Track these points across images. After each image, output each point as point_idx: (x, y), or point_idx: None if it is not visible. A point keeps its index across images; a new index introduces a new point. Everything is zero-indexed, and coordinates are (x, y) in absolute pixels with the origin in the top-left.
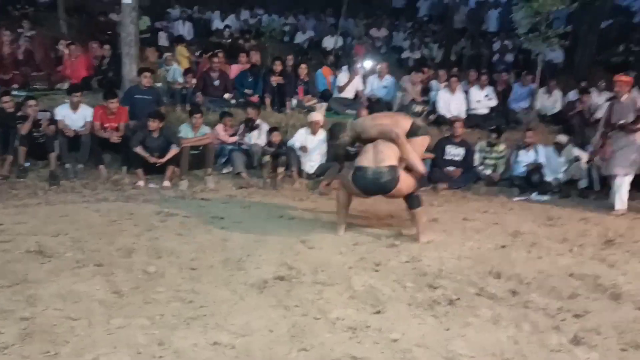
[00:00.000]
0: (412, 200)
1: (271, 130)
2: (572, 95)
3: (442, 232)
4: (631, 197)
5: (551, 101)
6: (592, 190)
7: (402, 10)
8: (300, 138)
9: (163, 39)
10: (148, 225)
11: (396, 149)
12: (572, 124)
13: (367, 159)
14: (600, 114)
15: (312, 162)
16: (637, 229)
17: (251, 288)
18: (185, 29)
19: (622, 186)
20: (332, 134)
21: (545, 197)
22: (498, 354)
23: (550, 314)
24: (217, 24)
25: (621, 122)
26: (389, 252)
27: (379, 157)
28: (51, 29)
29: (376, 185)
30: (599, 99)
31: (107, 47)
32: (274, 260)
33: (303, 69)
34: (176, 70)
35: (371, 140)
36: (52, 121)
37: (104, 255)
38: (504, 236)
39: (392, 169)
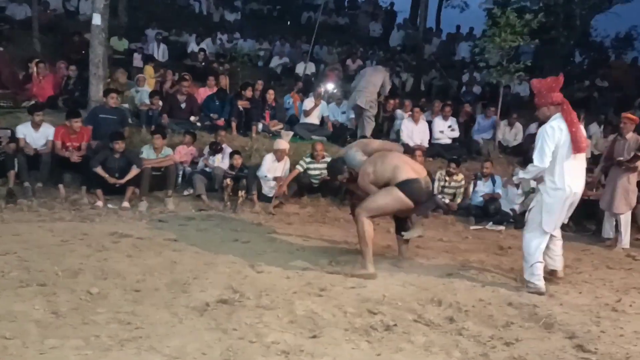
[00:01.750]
0: (407, 227)
1: (232, 153)
2: (533, 128)
3: (393, 259)
4: (584, 230)
5: (512, 133)
6: None
7: (378, 39)
8: (267, 165)
9: (138, 60)
10: (99, 247)
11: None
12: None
13: (412, 171)
14: None
15: (272, 185)
16: (584, 261)
17: (192, 311)
18: (160, 51)
19: (628, 223)
20: (333, 172)
21: (501, 227)
22: None
23: (482, 342)
24: (193, 47)
25: (620, 158)
26: (336, 278)
27: (417, 168)
28: (25, 48)
29: (427, 194)
30: None
31: (73, 67)
32: (220, 283)
33: (270, 94)
34: (147, 92)
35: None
36: (13, 139)
37: (49, 275)
38: (452, 265)
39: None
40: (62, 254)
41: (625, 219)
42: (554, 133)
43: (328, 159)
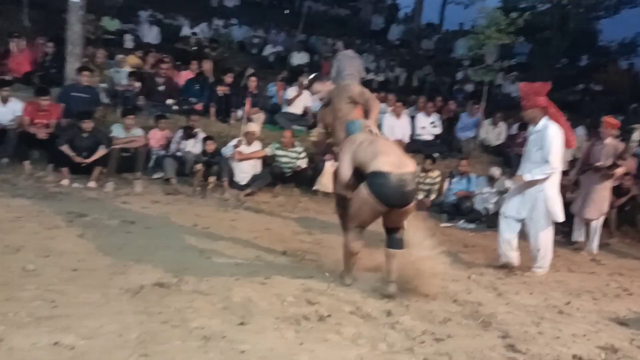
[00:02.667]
0: (398, 240)
1: (206, 139)
2: (514, 128)
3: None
4: (555, 233)
5: (495, 133)
6: None
7: (377, 33)
8: (233, 144)
9: (129, 41)
10: (51, 225)
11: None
12: (510, 157)
13: (388, 163)
14: None
15: (244, 173)
16: None
17: (124, 293)
18: (152, 33)
19: (598, 229)
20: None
21: (471, 226)
22: None
23: (411, 336)
24: (186, 30)
25: (598, 164)
26: (284, 268)
27: (401, 161)
28: (13, 22)
29: (400, 195)
30: None
31: (50, 44)
32: (163, 267)
33: (253, 81)
34: (126, 72)
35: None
36: None
37: None
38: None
39: (414, 175)
40: (11, 230)
41: (596, 225)
42: (559, 135)
43: (298, 148)
